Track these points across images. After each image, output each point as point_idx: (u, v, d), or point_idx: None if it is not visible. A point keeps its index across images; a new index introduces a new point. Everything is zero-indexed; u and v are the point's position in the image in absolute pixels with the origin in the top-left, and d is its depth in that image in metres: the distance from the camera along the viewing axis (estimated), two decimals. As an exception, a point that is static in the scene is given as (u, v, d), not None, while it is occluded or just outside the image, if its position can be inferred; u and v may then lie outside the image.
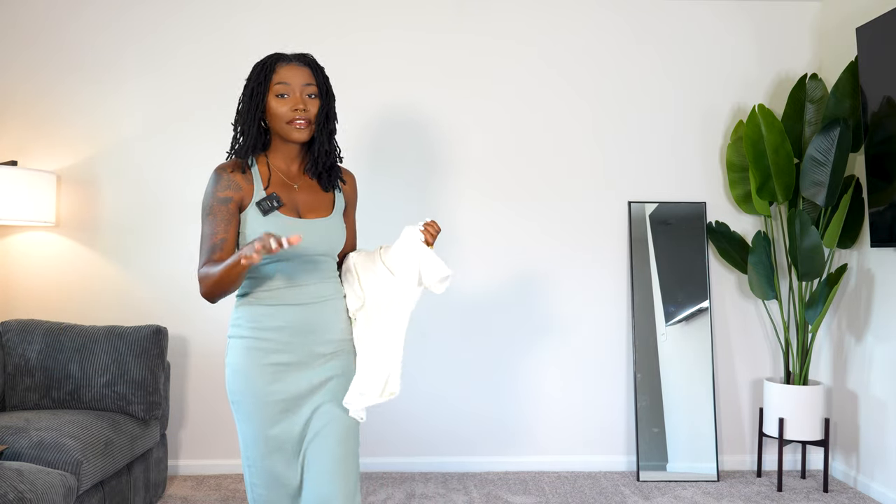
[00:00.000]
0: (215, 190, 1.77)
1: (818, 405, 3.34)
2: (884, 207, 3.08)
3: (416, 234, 1.82)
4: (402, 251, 1.84)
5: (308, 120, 1.79)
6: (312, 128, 1.81)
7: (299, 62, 1.81)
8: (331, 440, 1.78)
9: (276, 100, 1.78)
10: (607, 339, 3.65)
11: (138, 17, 3.51)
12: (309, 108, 1.79)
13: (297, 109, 1.77)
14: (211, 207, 1.77)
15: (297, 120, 1.78)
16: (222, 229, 1.76)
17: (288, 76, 1.79)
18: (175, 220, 3.51)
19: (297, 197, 1.83)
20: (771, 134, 3.32)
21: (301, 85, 1.79)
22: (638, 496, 3.26)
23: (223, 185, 1.77)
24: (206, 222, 1.78)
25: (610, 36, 3.65)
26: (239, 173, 1.79)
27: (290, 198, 1.82)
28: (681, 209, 3.64)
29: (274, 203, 1.77)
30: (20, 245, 3.46)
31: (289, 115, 1.78)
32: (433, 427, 3.61)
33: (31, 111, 3.47)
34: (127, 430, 2.80)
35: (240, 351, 1.80)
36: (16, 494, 2.02)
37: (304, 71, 1.81)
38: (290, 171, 1.86)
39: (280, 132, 1.81)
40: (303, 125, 1.79)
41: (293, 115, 1.78)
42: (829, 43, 3.62)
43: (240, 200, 1.77)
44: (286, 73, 1.79)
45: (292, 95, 1.78)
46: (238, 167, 1.81)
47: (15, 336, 3.00)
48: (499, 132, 3.61)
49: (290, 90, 1.78)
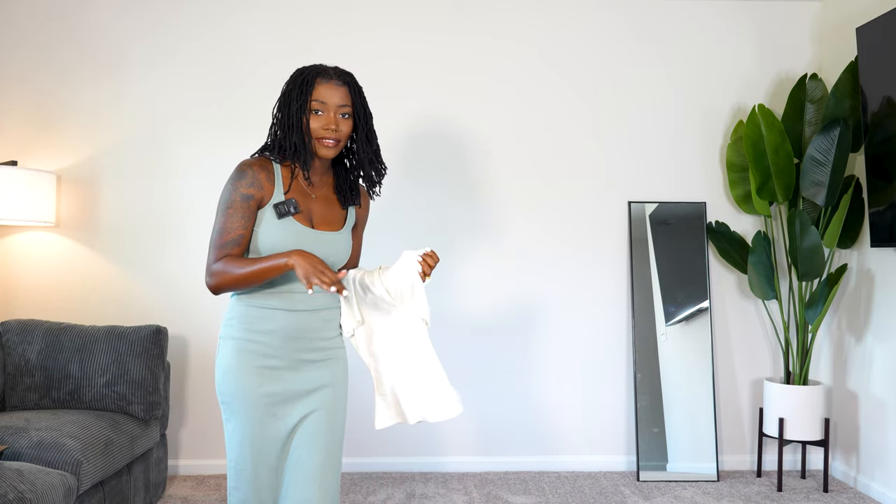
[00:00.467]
0: (239, 185, 1.79)
1: (818, 405, 3.34)
2: (884, 207, 3.08)
3: (413, 263, 1.83)
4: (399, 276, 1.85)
5: (337, 140, 1.82)
6: (340, 146, 1.84)
7: (339, 81, 1.82)
8: (316, 450, 1.81)
9: (311, 115, 1.81)
10: (607, 339, 3.65)
11: (138, 16, 3.51)
12: (341, 128, 1.82)
13: (328, 129, 1.80)
14: (232, 202, 1.78)
15: (327, 139, 1.80)
16: (241, 225, 1.78)
17: (325, 94, 1.80)
18: (175, 219, 3.50)
19: (312, 206, 1.86)
20: (771, 134, 3.32)
21: (336, 105, 1.81)
22: (638, 496, 3.26)
23: (247, 181, 1.79)
24: (224, 215, 1.79)
25: (610, 36, 3.65)
26: (263, 172, 1.82)
27: (306, 206, 1.85)
28: (681, 209, 3.64)
29: (291, 208, 1.80)
30: (20, 245, 3.46)
31: (320, 133, 1.80)
32: (433, 427, 3.61)
33: (31, 111, 3.47)
34: (127, 430, 2.80)
35: (230, 352, 1.81)
36: (16, 494, 2.02)
37: (342, 91, 1.82)
38: (312, 182, 1.89)
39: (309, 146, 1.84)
40: (331, 144, 1.81)
41: (324, 133, 1.80)
42: (829, 43, 3.62)
43: (260, 199, 1.80)
44: (324, 91, 1.80)
45: (326, 114, 1.80)
46: (263, 166, 1.83)
47: (15, 336, 3.00)
48: (499, 132, 3.61)
49: (325, 108, 1.80)
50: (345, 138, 1.84)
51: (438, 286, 3.51)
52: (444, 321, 3.58)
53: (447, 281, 3.55)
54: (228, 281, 1.75)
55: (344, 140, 1.84)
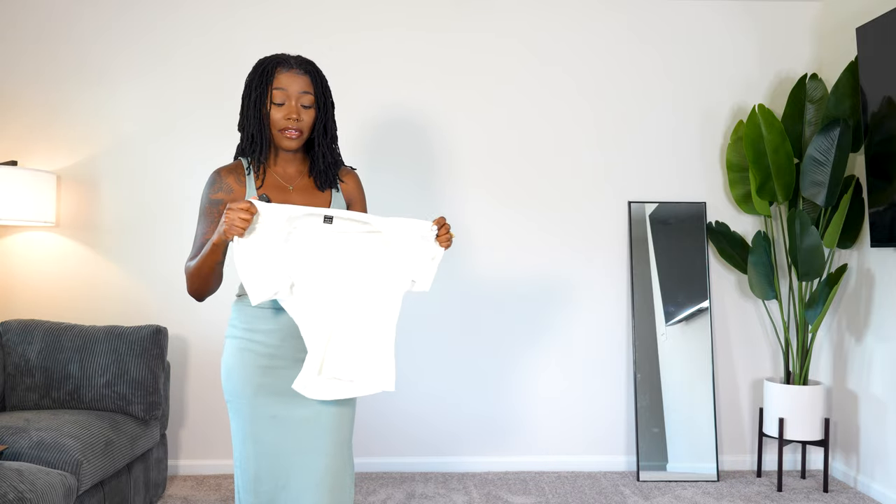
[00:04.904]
0: (208, 192, 1.82)
1: (818, 405, 3.34)
2: (884, 207, 3.08)
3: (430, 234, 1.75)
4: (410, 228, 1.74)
5: (300, 130, 1.80)
6: (304, 137, 1.82)
7: (299, 69, 1.80)
8: (322, 453, 1.76)
9: (273, 106, 1.79)
10: (607, 339, 3.65)
11: (137, 16, 3.51)
12: (303, 117, 1.80)
13: (290, 118, 1.78)
14: (203, 209, 1.82)
15: (289, 129, 1.79)
16: (212, 230, 1.79)
17: (286, 82, 1.78)
18: (175, 219, 3.50)
19: (291, 198, 1.84)
20: (771, 134, 3.31)
21: (298, 93, 1.79)
22: (638, 496, 3.26)
23: (216, 187, 1.81)
24: (199, 223, 1.83)
25: (610, 36, 3.65)
26: (233, 176, 1.82)
27: (284, 199, 1.82)
28: (681, 209, 3.64)
29: None
30: (20, 245, 3.46)
31: (281, 124, 1.79)
32: (433, 427, 3.61)
33: (31, 111, 3.47)
34: (127, 430, 2.80)
35: (233, 351, 1.81)
36: (16, 494, 2.02)
37: (303, 79, 1.80)
38: (287, 173, 1.87)
39: (272, 138, 1.83)
40: (294, 135, 1.80)
41: (286, 123, 1.78)
42: (829, 43, 3.62)
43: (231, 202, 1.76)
44: (285, 79, 1.78)
45: (287, 104, 1.78)
46: (234, 170, 1.84)
47: (15, 336, 3.00)
48: (499, 132, 3.61)
49: (286, 97, 1.78)
50: (307, 129, 1.82)
51: (438, 286, 3.51)
52: (443, 321, 3.58)
53: (446, 280, 3.55)
54: (192, 278, 1.77)
55: (307, 131, 1.82)
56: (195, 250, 1.80)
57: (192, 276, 1.77)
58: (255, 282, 1.65)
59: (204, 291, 1.81)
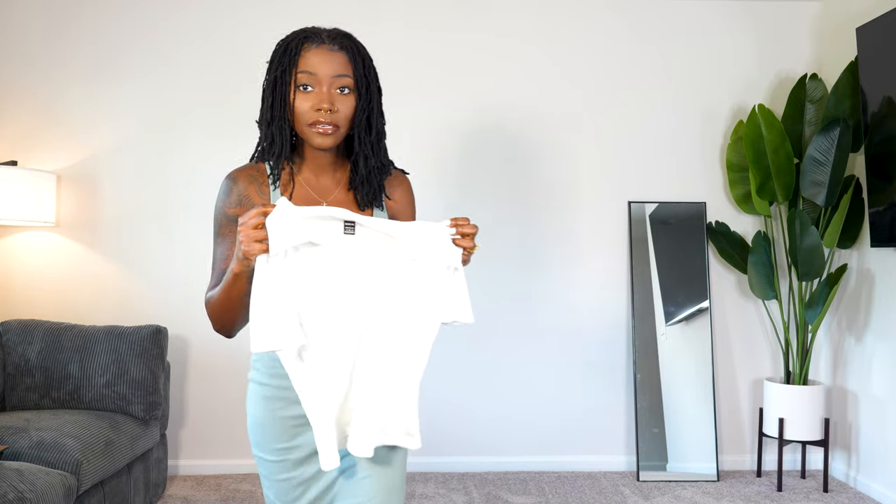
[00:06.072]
0: (224, 205, 1.42)
1: (818, 405, 3.34)
2: (884, 207, 3.08)
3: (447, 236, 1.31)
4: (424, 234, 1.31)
5: (334, 123, 1.36)
6: (342, 133, 1.39)
7: (333, 45, 1.37)
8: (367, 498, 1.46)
9: (299, 93, 1.36)
10: (607, 340, 3.65)
11: (138, 16, 3.51)
12: (338, 107, 1.36)
13: (320, 109, 1.34)
14: (220, 227, 1.43)
15: (320, 123, 1.35)
16: (232, 251, 1.40)
17: (314, 63, 1.35)
18: (175, 219, 3.50)
19: None
20: (771, 134, 3.32)
21: (330, 76, 1.35)
22: (638, 496, 3.26)
23: (233, 199, 1.42)
24: (216, 242, 1.44)
25: (610, 35, 3.65)
26: (253, 185, 1.43)
27: None
28: (681, 209, 3.64)
29: None
30: (20, 245, 3.46)
31: (310, 116, 1.35)
32: (433, 427, 3.60)
33: (31, 111, 3.47)
34: (127, 430, 2.80)
35: (257, 400, 1.45)
36: (16, 494, 2.02)
37: (338, 57, 1.36)
38: (321, 183, 1.46)
39: (301, 135, 1.39)
40: (327, 129, 1.36)
41: (315, 115, 1.35)
42: (829, 43, 3.62)
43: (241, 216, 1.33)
44: (313, 58, 1.35)
45: (318, 89, 1.35)
46: (252, 177, 1.43)
47: (15, 336, 3.00)
48: (498, 131, 3.61)
49: (315, 81, 1.35)
50: (345, 122, 1.38)
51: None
52: (444, 321, 3.57)
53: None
54: (216, 312, 1.37)
55: (344, 125, 1.39)
56: (215, 279, 1.41)
57: (215, 309, 1.36)
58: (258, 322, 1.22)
59: (233, 326, 1.39)
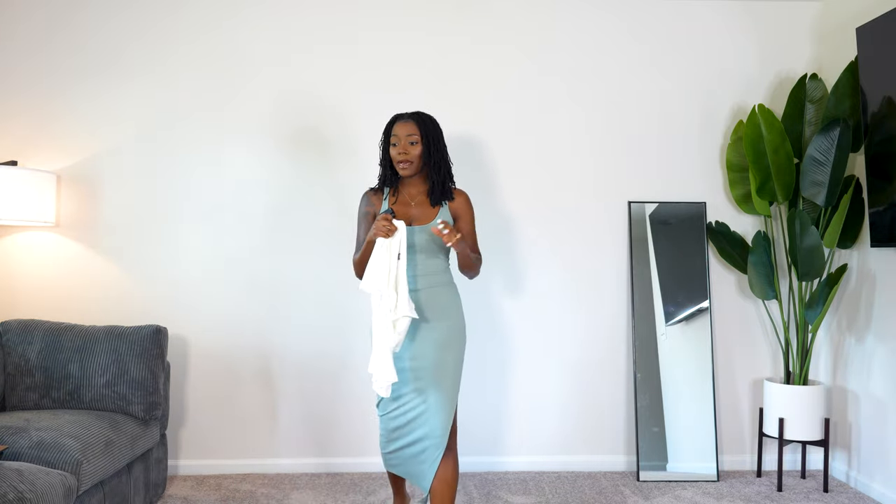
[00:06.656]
0: (361, 205, 2.63)
1: (818, 405, 3.34)
2: (884, 207, 3.08)
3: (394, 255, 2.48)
4: None
5: (408, 161, 2.49)
6: (415, 166, 2.51)
7: (408, 118, 2.52)
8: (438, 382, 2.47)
9: (392, 147, 2.53)
10: (607, 339, 3.65)
11: (138, 16, 3.51)
12: (409, 152, 2.49)
13: (400, 153, 2.49)
14: (360, 218, 2.62)
15: (400, 162, 2.50)
16: (365, 231, 2.59)
17: (398, 130, 2.51)
18: (175, 219, 3.51)
19: (411, 211, 2.54)
20: (771, 134, 3.32)
21: (405, 136, 2.50)
22: (638, 496, 3.26)
23: (365, 202, 2.62)
24: (358, 227, 2.62)
25: (610, 35, 3.65)
26: (376, 195, 2.62)
27: (406, 212, 2.53)
28: (681, 209, 3.64)
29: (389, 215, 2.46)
30: (20, 245, 3.46)
31: (396, 158, 2.51)
32: (433, 427, 3.60)
33: (31, 111, 3.47)
34: (127, 430, 2.80)
35: None
36: (16, 494, 2.02)
37: (409, 124, 2.50)
38: (410, 193, 2.59)
39: (396, 169, 2.55)
40: (405, 166, 2.50)
41: (398, 157, 2.50)
42: (829, 43, 3.62)
43: (374, 213, 2.59)
44: (397, 128, 2.51)
45: (399, 144, 2.50)
46: (375, 191, 2.63)
47: (15, 336, 3.00)
48: (498, 132, 3.61)
49: (398, 139, 2.51)
50: (416, 159, 2.49)
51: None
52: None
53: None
54: (358, 264, 2.56)
55: (416, 160, 2.49)
56: (357, 246, 2.58)
57: (357, 263, 2.55)
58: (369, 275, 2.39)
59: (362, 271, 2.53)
